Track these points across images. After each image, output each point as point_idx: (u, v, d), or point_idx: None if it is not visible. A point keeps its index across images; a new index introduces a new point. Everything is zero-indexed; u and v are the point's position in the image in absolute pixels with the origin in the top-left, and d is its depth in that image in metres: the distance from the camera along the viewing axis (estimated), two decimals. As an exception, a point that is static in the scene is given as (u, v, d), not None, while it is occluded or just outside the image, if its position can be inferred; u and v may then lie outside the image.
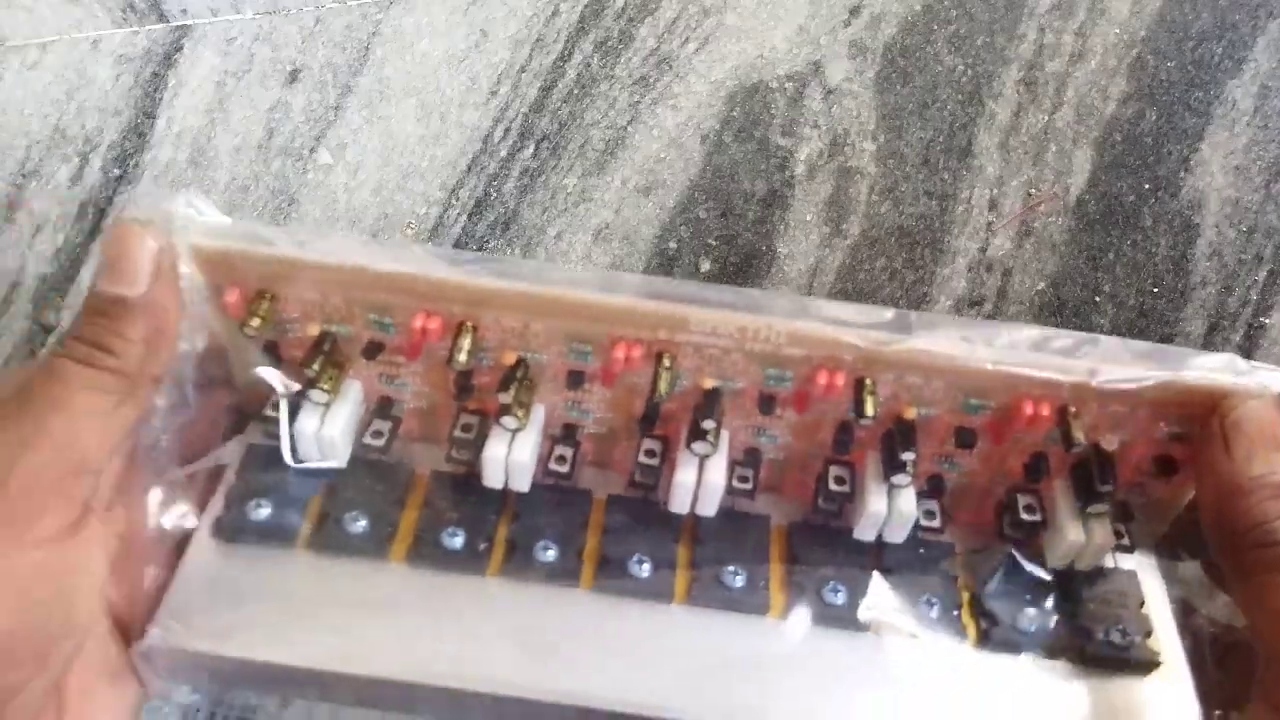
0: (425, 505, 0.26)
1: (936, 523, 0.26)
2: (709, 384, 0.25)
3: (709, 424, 0.24)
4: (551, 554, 0.25)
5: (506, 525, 0.26)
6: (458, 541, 0.25)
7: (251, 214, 0.43)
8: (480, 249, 0.42)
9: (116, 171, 0.44)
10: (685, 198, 0.41)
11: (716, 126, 0.41)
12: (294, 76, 0.44)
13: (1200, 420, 0.24)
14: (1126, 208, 0.39)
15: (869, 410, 0.24)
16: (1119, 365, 0.24)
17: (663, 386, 0.24)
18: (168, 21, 0.46)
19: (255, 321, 0.25)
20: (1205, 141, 0.38)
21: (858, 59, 0.41)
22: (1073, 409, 0.24)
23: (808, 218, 0.40)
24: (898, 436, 0.25)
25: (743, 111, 0.41)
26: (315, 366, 0.25)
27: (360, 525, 0.25)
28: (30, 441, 0.22)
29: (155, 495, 0.25)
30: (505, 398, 0.24)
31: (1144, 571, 0.26)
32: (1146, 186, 0.39)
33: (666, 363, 0.24)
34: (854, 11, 0.41)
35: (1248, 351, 0.36)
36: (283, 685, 0.26)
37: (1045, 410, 0.24)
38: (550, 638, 0.24)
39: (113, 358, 0.24)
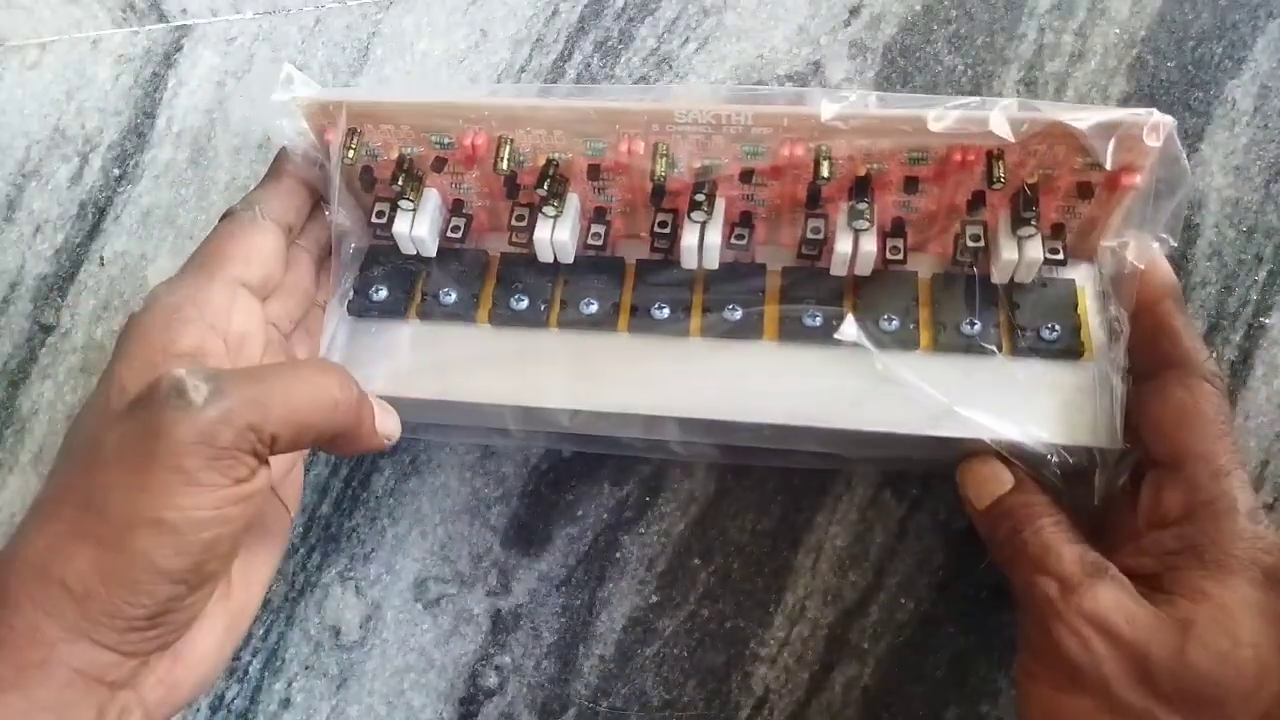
0: (498, 280, 0.35)
1: (900, 256, 0.32)
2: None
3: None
4: (594, 307, 0.33)
5: (559, 288, 0.34)
6: (523, 304, 0.34)
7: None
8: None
9: (116, 171, 0.44)
10: (685, 198, 0.41)
11: (716, 126, 0.41)
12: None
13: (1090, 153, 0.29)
14: (1126, 208, 0.39)
15: (824, 172, 0.30)
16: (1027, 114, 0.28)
17: (660, 169, 0.31)
18: (168, 21, 0.46)
19: (350, 153, 0.32)
20: (1205, 141, 0.38)
21: (858, 59, 0.41)
22: (996, 151, 0.29)
23: (808, 218, 0.40)
24: (856, 190, 0.31)
25: (743, 111, 0.41)
26: (400, 181, 0.33)
27: (451, 298, 0.34)
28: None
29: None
30: (542, 191, 0.32)
31: (1084, 280, 0.32)
32: (1146, 186, 0.39)
33: (663, 150, 0.31)
34: (854, 11, 0.41)
35: (1248, 352, 0.36)
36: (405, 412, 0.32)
37: (972, 156, 0.29)
38: (650, 370, 0.33)
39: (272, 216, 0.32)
